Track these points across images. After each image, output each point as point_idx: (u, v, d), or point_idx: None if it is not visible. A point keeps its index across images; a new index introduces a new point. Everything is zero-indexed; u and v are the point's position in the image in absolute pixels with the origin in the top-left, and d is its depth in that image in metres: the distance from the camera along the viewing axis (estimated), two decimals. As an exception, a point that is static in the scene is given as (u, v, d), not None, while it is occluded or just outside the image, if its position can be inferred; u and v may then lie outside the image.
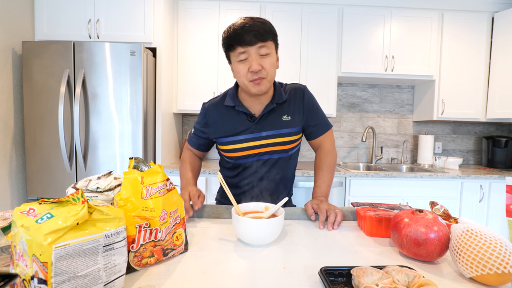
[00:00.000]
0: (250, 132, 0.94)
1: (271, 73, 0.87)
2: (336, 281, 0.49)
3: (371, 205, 0.82)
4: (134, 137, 1.80)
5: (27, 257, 0.36)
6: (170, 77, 2.17)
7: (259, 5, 2.20)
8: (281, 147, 0.96)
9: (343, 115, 2.63)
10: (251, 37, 0.81)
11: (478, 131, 2.67)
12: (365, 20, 2.25)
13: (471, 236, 0.50)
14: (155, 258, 0.54)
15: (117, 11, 1.91)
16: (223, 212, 0.88)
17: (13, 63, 1.81)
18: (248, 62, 0.84)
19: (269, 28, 0.85)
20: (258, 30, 0.81)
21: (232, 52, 0.86)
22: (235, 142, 0.95)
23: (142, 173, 0.55)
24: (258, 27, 0.82)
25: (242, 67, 0.85)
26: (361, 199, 1.97)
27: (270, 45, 0.85)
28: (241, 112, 0.95)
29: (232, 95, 0.96)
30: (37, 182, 1.80)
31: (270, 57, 0.86)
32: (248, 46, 0.82)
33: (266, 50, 0.84)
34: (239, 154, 0.96)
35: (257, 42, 0.82)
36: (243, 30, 0.81)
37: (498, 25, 2.24)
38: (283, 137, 0.95)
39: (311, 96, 1.00)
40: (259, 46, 0.83)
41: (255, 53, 0.83)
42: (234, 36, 0.82)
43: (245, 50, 0.83)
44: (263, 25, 0.83)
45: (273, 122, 0.94)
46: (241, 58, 0.84)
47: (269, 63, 0.85)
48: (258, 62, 0.83)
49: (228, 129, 0.95)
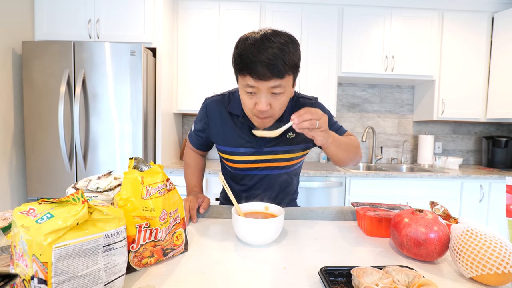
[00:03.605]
0: (251, 146, 0.87)
1: (279, 112, 0.76)
2: (336, 281, 0.49)
3: (371, 205, 0.82)
4: (134, 137, 1.80)
5: (27, 257, 0.36)
6: (170, 77, 2.17)
7: (259, 5, 2.20)
8: (282, 163, 0.90)
9: (343, 115, 2.63)
10: (265, 71, 0.65)
11: (478, 131, 2.67)
12: (365, 20, 2.25)
13: (471, 236, 0.50)
14: (155, 258, 0.54)
15: (117, 11, 1.91)
16: (223, 212, 0.87)
17: (13, 63, 1.81)
18: (256, 98, 0.71)
19: (290, 59, 0.67)
20: (276, 64, 0.65)
21: (241, 77, 0.71)
22: (235, 153, 0.90)
23: (142, 173, 0.55)
24: (277, 56, 0.65)
25: (247, 99, 0.73)
26: (361, 199, 1.97)
27: (287, 81, 0.70)
28: (244, 124, 0.87)
29: (238, 103, 0.86)
30: (37, 182, 1.80)
31: (283, 96, 0.72)
32: (260, 81, 0.67)
33: (280, 90, 0.70)
34: (239, 165, 0.92)
35: (271, 78, 0.67)
36: (258, 59, 0.65)
37: (498, 25, 2.24)
38: (285, 154, 0.89)
39: (320, 107, 0.90)
40: (274, 84, 0.68)
41: (266, 91, 0.69)
42: (246, 63, 0.67)
43: (255, 84, 0.68)
44: (283, 54, 0.65)
45: (276, 139, 0.87)
46: (249, 91, 0.71)
47: (279, 103, 0.73)
48: (268, 101, 0.71)
49: (229, 138, 0.89)
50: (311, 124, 0.64)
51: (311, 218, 0.87)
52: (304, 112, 0.64)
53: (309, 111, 0.65)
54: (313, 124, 0.64)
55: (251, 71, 0.67)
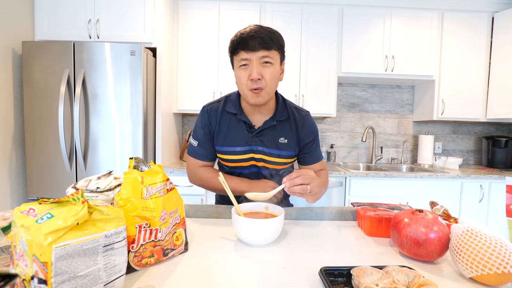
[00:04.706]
0: (247, 144, 0.92)
1: (271, 84, 0.84)
2: (336, 281, 0.49)
3: (371, 205, 0.82)
4: (134, 137, 1.80)
5: (27, 257, 0.36)
6: (170, 77, 2.17)
7: (259, 5, 2.20)
8: (271, 165, 0.94)
9: (343, 115, 2.63)
10: (255, 43, 0.79)
11: (478, 131, 2.67)
12: (365, 20, 2.25)
13: (471, 236, 0.50)
14: (155, 258, 0.54)
15: (117, 11, 1.91)
16: (223, 212, 0.88)
17: (13, 63, 1.81)
18: (249, 69, 0.82)
19: (276, 38, 0.83)
20: (264, 38, 0.80)
21: (235, 56, 0.84)
22: (232, 153, 0.93)
23: (142, 173, 0.55)
24: (264, 34, 0.80)
25: (242, 73, 0.83)
26: (361, 199, 1.97)
27: (274, 55, 0.83)
28: (241, 121, 0.93)
29: (234, 102, 0.93)
30: (37, 182, 1.80)
31: (272, 67, 0.83)
32: (251, 52, 0.80)
33: (269, 59, 0.82)
34: (234, 164, 0.95)
35: (260, 49, 0.80)
36: (249, 36, 0.80)
37: (498, 25, 2.24)
38: (275, 158, 0.93)
39: (311, 124, 0.96)
40: (262, 54, 0.80)
41: (257, 61, 0.81)
42: (239, 41, 0.81)
43: (247, 56, 0.81)
44: (270, 34, 0.81)
45: (270, 141, 0.92)
46: (242, 63, 0.83)
47: (270, 73, 0.83)
48: (259, 70, 0.81)
49: (228, 137, 0.93)
50: (302, 189, 0.69)
51: (311, 218, 0.87)
52: (296, 176, 0.69)
53: (301, 175, 0.69)
54: (304, 189, 0.69)
55: (243, 46, 0.80)
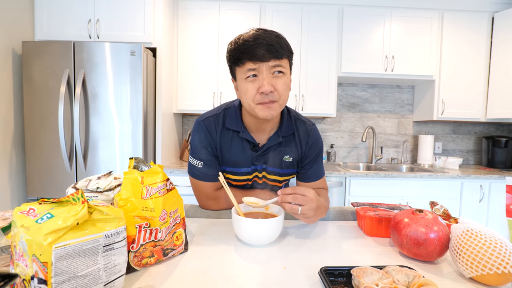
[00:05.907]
0: (252, 163, 0.86)
1: (284, 96, 0.75)
2: (336, 281, 0.49)
3: (371, 205, 0.82)
4: (134, 137, 1.80)
5: (27, 257, 0.36)
6: (170, 77, 2.17)
7: (259, 5, 2.20)
8: (273, 183, 0.91)
9: (343, 115, 2.63)
10: (264, 52, 0.69)
11: (478, 131, 2.67)
12: (365, 20, 2.25)
13: (471, 236, 0.50)
14: (155, 258, 0.54)
15: (117, 11, 1.91)
16: (223, 212, 0.87)
17: (13, 63, 1.81)
18: (259, 81, 0.71)
19: (286, 44, 0.73)
20: (273, 45, 0.69)
21: (240, 67, 0.73)
22: (235, 173, 0.88)
23: (142, 173, 0.55)
24: (273, 41, 0.70)
25: (250, 86, 0.72)
26: (361, 199, 1.97)
27: (285, 64, 0.73)
28: (244, 140, 0.84)
29: (235, 118, 0.84)
30: (37, 182, 1.80)
31: (285, 77, 0.74)
32: (260, 62, 0.70)
33: (281, 69, 0.72)
34: (237, 183, 0.91)
35: (270, 58, 0.70)
36: (256, 43, 0.69)
37: (498, 25, 2.24)
38: (279, 176, 0.90)
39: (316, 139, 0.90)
40: (273, 63, 0.70)
41: (267, 72, 0.71)
42: (244, 49, 0.70)
43: (256, 66, 0.70)
44: (279, 39, 0.71)
45: (275, 160, 0.86)
46: (250, 75, 0.72)
47: (282, 83, 0.73)
48: (271, 82, 0.71)
49: (230, 159, 0.86)
50: (291, 208, 0.65)
51: (311, 218, 0.87)
52: (290, 192, 0.66)
53: (294, 194, 0.65)
54: (293, 209, 0.65)
55: (250, 56, 0.69)
